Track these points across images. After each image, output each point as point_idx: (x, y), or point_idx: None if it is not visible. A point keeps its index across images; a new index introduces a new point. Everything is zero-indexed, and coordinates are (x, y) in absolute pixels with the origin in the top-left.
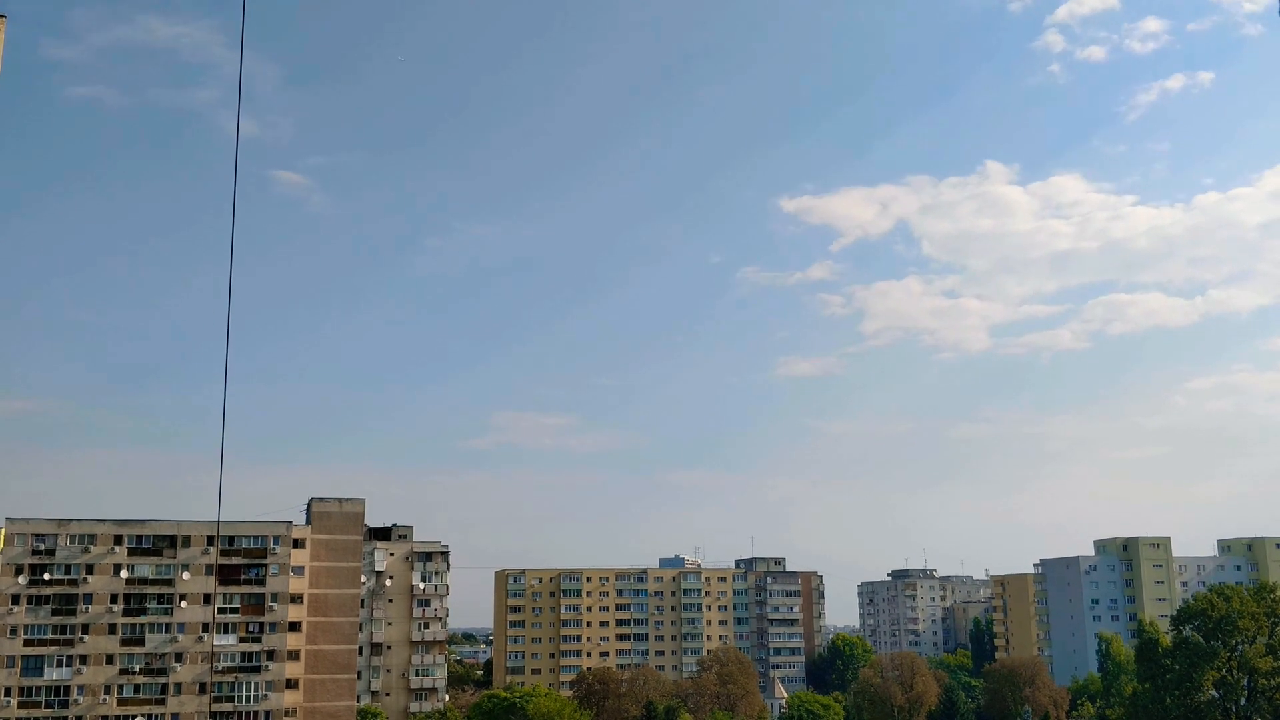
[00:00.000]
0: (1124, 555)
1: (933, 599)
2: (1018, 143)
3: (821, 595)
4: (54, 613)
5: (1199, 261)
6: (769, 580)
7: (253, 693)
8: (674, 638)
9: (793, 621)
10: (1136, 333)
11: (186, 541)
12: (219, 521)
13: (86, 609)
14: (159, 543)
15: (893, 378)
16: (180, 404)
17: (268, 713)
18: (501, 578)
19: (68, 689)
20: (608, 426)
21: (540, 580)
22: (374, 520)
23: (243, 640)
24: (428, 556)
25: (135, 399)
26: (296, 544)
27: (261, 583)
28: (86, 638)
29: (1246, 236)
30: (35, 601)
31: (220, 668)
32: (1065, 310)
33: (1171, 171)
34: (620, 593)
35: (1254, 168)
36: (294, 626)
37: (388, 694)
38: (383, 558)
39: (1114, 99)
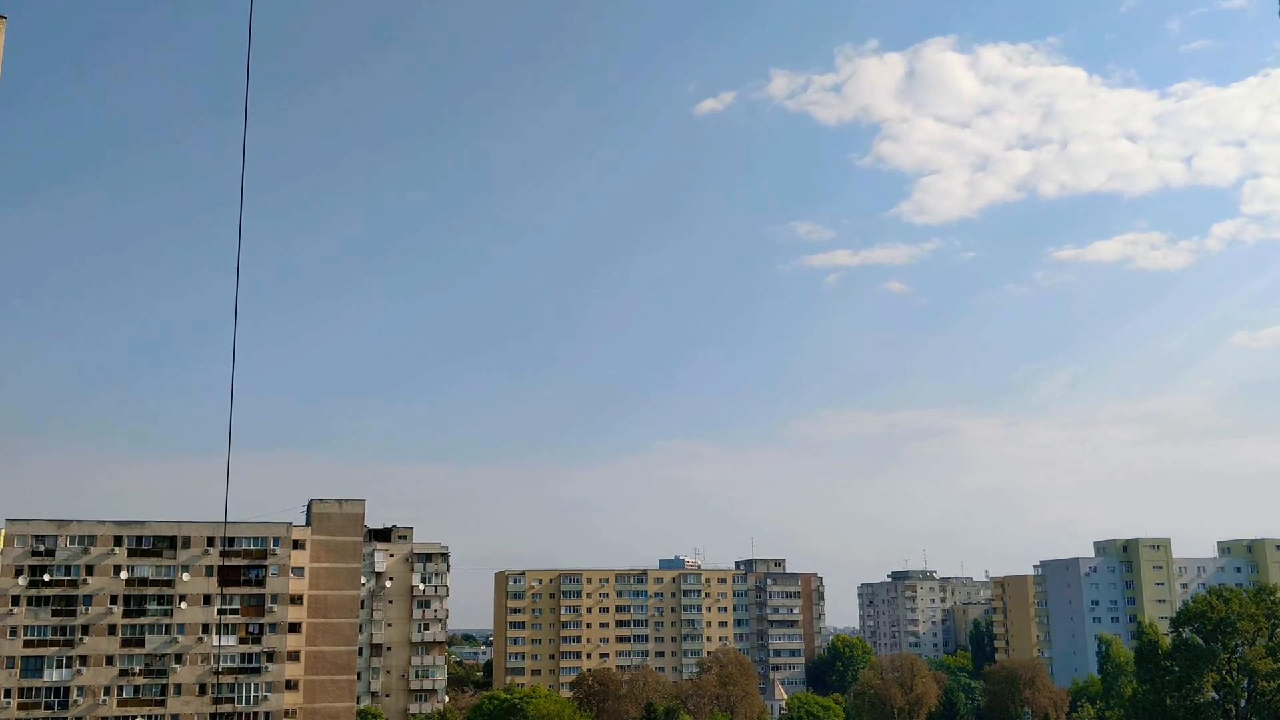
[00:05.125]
0: (1124, 557)
1: (933, 600)
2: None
3: (821, 596)
4: (54, 614)
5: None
6: (769, 581)
7: (253, 694)
8: (674, 639)
9: (793, 623)
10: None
11: (186, 542)
12: (225, 522)
13: (86, 610)
14: (159, 544)
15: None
16: (179, 403)
17: (268, 714)
18: (501, 579)
19: (68, 690)
20: (604, 420)
21: (540, 581)
22: (374, 521)
23: (243, 641)
24: (427, 558)
25: (134, 398)
26: (296, 545)
27: (261, 584)
28: (86, 639)
29: (1244, 131)
30: (35, 602)
31: (220, 669)
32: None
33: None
34: (620, 594)
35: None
36: (294, 628)
37: (388, 695)
38: (383, 559)
39: None
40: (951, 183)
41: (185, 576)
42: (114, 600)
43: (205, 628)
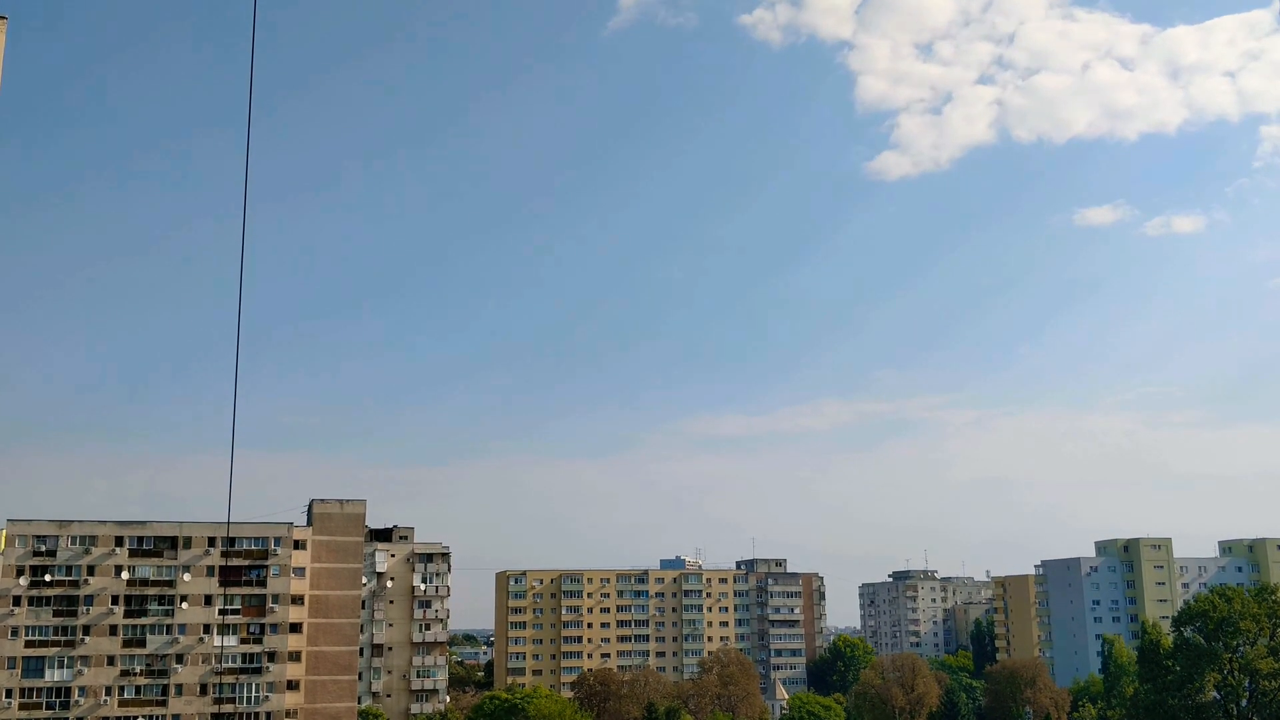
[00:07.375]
0: (1125, 556)
1: (934, 600)
2: None
3: (822, 596)
4: (55, 614)
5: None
6: (770, 581)
7: (254, 694)
8: (675, 639)
9: (794, 623)
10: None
11: (188, 543)
12: (228, 522)
13: (88, 610)
14: (160, 544)
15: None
16: (180, 405)
17: (269, 714)
18: (502, 579)
19: (69, 690)
20: (604, 414)
21: (541, 581)
22: (375, 521)
23: (244, 641)
24: (429, 558)
25: (135, 398)
26: (297, 545)
27: (263, 584)
28: (88, 639)
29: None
30: (36, 603)
31: (221, 669)
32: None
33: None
34: (621, 594)
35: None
36: (295, 628)
37: (389, 695)
38: (384, 559)
39: None
40: (921, 128)
41: (186, 577)
42: (115, 600)
43: (206, 628)
